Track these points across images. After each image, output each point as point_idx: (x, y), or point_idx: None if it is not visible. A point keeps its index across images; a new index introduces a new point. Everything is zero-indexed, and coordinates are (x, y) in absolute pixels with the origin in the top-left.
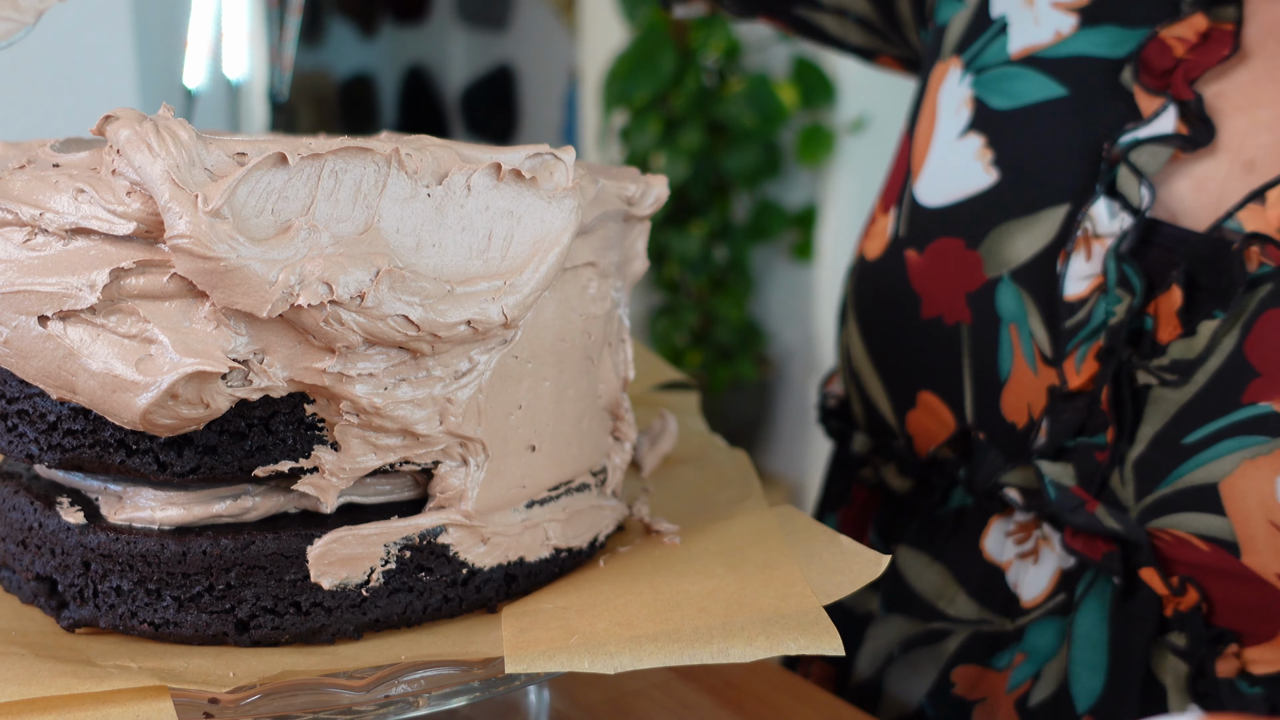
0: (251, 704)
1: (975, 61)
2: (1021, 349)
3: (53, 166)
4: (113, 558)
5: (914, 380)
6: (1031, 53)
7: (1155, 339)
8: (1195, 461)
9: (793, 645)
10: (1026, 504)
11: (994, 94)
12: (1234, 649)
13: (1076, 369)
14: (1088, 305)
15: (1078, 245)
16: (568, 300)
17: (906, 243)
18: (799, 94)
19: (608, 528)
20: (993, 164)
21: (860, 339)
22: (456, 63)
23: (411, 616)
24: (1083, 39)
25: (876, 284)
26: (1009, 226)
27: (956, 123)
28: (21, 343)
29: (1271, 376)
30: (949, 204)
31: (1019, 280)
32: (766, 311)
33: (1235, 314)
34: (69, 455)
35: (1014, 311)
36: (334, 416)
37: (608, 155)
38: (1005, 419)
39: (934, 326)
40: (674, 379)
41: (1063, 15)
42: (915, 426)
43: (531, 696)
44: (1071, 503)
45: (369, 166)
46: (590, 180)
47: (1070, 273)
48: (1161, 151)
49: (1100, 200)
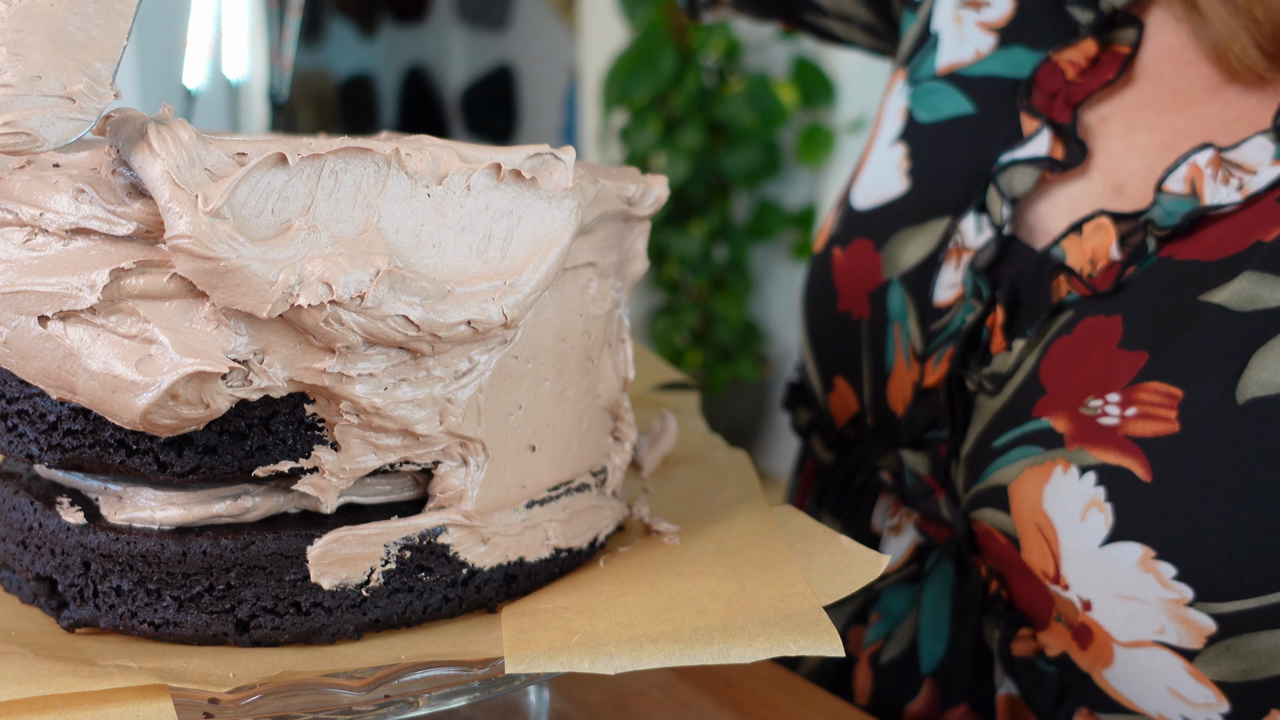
0: (251, 704)
1: (913, 74)
2: (901, 346)
3: (53, 166)
4: (113, 558)
5: (832, 365)
6: (954, 69)
7: (989, 349)
8: (998, 464)
9: (793, 646)
10: (894, 487)
11: (920, 107)
12: (1027, 632)
13: (934, 368)
14: (951, 312)
15: (949, 256)
16: (568, 300)
17: (836, 240)
18: (799, 94)
19: (608, 528)
20: (908, 174)
21: (804, 324)
22: (456, 63)
23: (411, 616)
24: (997, 59)
25: (815, 276)
26: (905, 233)
27: (891, 131)
28: (21, 343)
29: (1054, 395)
30: (871, 208)
31: (905, 284)
32: (766, 311)
33: (1038, 335)
34: (69, 455)
35: (899, 311)
36: (334, 416)
37: (608, 155)
38: (889, 408)
39: (845, 319)
40: (674, 379)
41: (984, 34)
42: (834, 406)
43: (531, 696)
44: (922, 489)
45: (369, 166)
46: (590, 180)
47: (940, 280)
48: (1031, 172)
49: (970, 215)
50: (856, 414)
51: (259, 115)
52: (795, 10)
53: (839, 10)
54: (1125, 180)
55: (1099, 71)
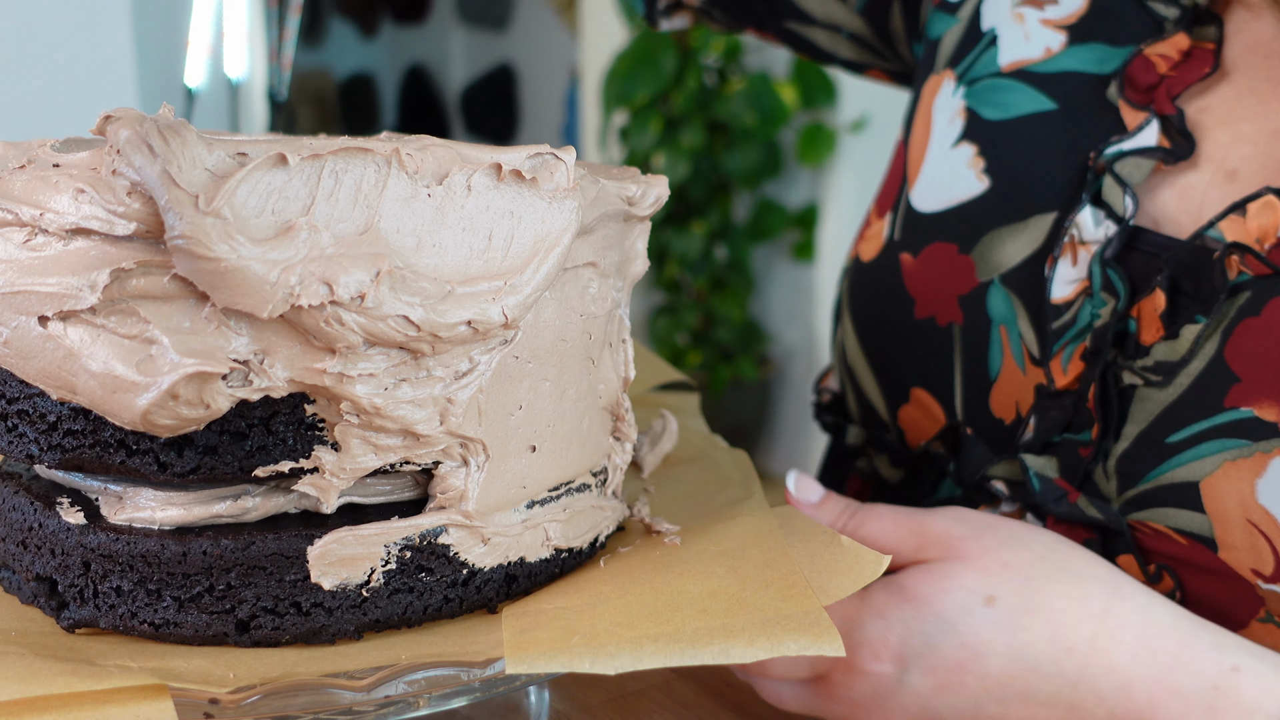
0: (252, 704)
1: (967, 74)
2: (1011, 349)
3: (53, 166)
4: (113, 558)
5: (906, 377)
6: (1021, 66)
7: (1139, 341)
8: (1177, 460)
9: (793, 646)
10: (1012, 495)
11: (985, 105)
12: None
13: (1063, 369)
14: (1074, 308)
15: (1064, 250)
16: (568, 300)
17: (901, 246)
18: (799, 93)
19: (608, 528)
20: (984, 172)
21: (855, 337)
22: (456, 63)
23: (412, 617)
24: (1071, 56)
25: (872, 285)
26: (1000, 233)
27: (950, 133)
28: (22, 343)
29: (1251, 382)
30: (942, 210)
31: (1009, 284)
32: (766, 311)
33: (1216, 319)
34: (69, 455)
35: (1004, 314)
36: (334, 417)
37: (608, 155)
38: (993, 415)
39: (927, 327)
40: (674, 379)
41: (1052, 32)
42: (907, 421)
43: (532, 697)
44: (1055, 493)
45: (369, 167)
46: (591, 180)
47: (1057, 277)
48: (1144, 163)
49: (1086, 208)
50: (947, 426)
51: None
52: (777, 16)
53: (829, 19)
54: (1237, 166)
55: (1193, 65)
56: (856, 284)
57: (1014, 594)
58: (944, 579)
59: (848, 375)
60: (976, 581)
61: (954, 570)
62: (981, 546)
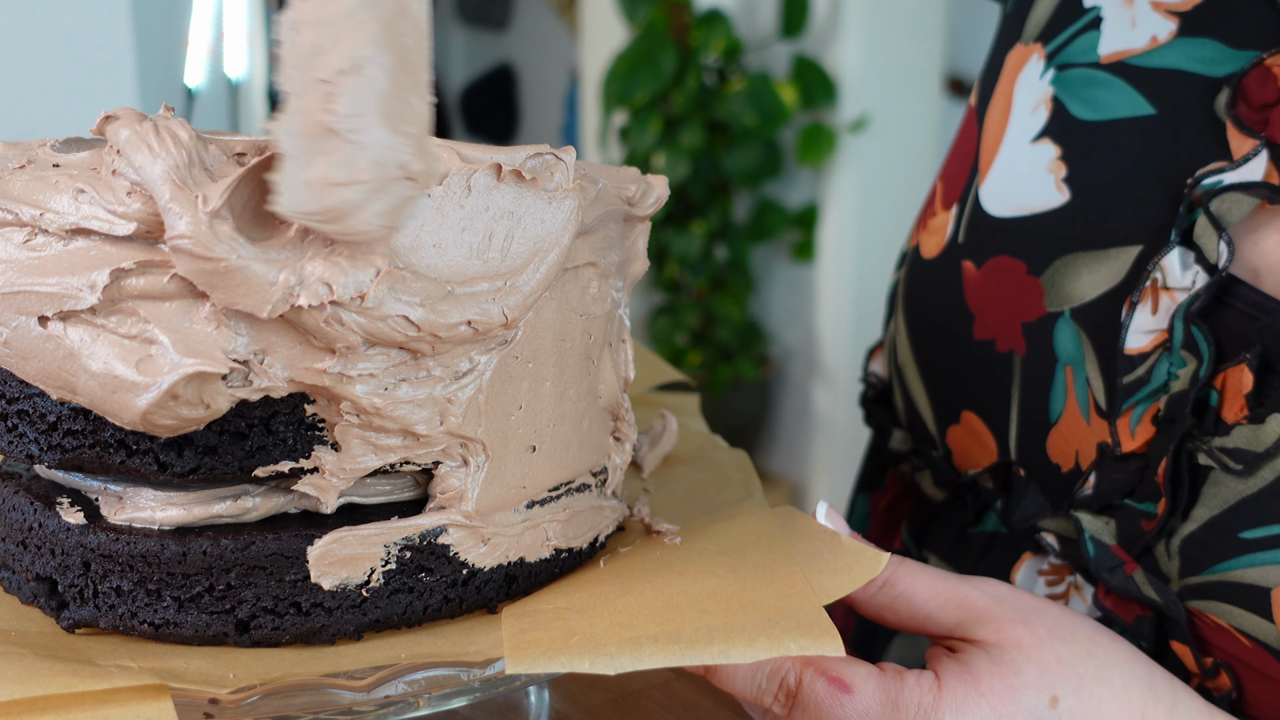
0: (251, 704)
1: (1059, 55)
2: (1076, 394)
3: (53, 166)
4: (113, 558)
5: (959, 397)
6: (1123, 58)
7: (1220, 416)
8: (1250, 559)
9: (793, 646)
10: (1062, 552)
11: (1076, 100)
12: None
13: (1131, 431)
14: (1148, 362)
15: (1144, 295)
16: (568, 300)
17: (965, 251)
18: (799, 93)
19: (608, 528)
20: (1065, 181)
21: (908, 338)
22: (456, 63)
23: (412, 617)
24: (1178, 50)
25: (930, 287)
26: (1076, 259)
27: (1032, 123)
28: (21, 343)
29: None
30: (1014, 217)
31: (1080, 320)
32: (767, 311)
33: None
34: (69, 455)
35: (1071, 353)
36: (334, 417)
37: (608, 155)
38: (1050, 459)
39: (985, 349)
40: (674, 379)
41: (1162, 19)
42: (955, 442)
43: (532, 697)
44: (1110, 562)
45: None
46: (591, 180)
47: (1133, 324)
48: (1247, 201)
49: (1175, 249)
50: (999, 462)
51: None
52: None
53: None
54: None
55: None
56: (913, 282)
57: (1072, 695)
58: (1011, 674)
59: (896, 374)
60: (1039, 679)
61: (1018, 664)
62: (1034, 637)
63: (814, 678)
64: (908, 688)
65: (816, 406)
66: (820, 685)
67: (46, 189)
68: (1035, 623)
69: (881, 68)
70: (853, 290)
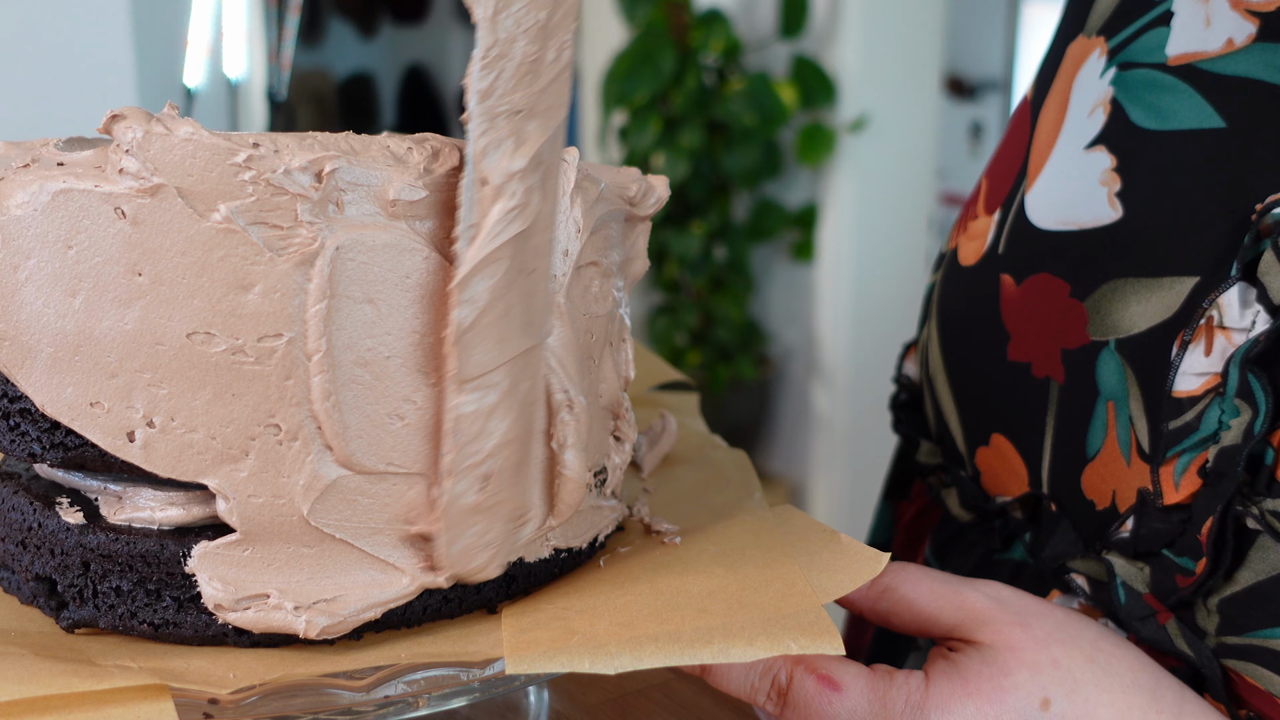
0: (251, 704)
1: (1123, 53)
2: (1117, 432)
3: (57, 165)
4: (112, 558)
5: (989, 417)
6: (1193, 61)
7: (1275, 476)
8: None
9: (793, 645)
10: (1092, 595)
11: (1138, 105)
12: None
13: (1176, 481)
14: (1198, 408)
15: (1197, 334)
16: (571, 300)
17: (1005, 263)
18: (799, 93)
19: (608, 528)
20: (1118, 196)
21: (939, 348)
22: (456, 62)
23: (411, 617)
24: (1256, 56)
25: (965, 299)
26: (1124, 286)
27: (1088, 127)
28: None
29: None
30: (1060, 230)
31: (1125, 353)
32: (766, 311)
33: None
34: (72, 454)
35: (1115, 388)
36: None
37: (607, 155)
38: (1084, 495)
39: (1020, 372)
40: (674, 379)
41: (1241, 19)
42: (984, 464)
43: (531, 697)
44: (1141, 611)
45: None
46: (592, 180)
47: (1184, 365)
48: None
49: (1235, 285)
50: (1030, 493)
51: (258, 114)
52: None
53: None
54: None
55: None
56: (949, 289)
57: (1065, 698)
58: (1002, 675)
59: (928, 381)
60: (1030, 680)
61: (1009, 665)
62: (1031, 639)
63: (804, 676)
64: (896, 686)
65: (816, 406)
66: (810, 683)
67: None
68: (1034, 625)
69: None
70: (852, 290)
